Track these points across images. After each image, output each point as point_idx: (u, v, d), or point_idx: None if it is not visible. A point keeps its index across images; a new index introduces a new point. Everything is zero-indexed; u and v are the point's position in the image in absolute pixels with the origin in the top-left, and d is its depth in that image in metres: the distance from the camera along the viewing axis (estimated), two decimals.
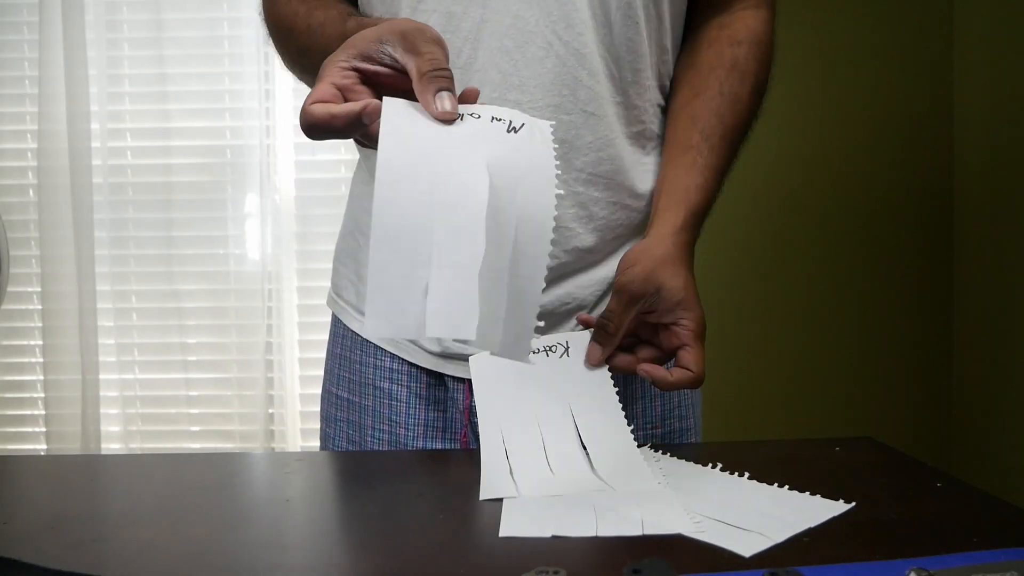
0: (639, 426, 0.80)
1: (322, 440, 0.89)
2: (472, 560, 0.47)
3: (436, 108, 0.54)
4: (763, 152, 1.90)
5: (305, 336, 1.99)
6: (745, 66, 0.76)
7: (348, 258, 0.86)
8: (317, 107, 0.56)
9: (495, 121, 0.56)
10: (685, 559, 0.45)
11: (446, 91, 0.55)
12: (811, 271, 1.94)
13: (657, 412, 0.81)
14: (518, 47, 0.70)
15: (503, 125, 0.56)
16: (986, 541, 0.47)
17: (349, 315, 0.85)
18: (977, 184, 1.85)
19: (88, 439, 1.89)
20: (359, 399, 0.83)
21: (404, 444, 0.79)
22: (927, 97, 1.92)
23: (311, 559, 0.48)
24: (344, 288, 0.87)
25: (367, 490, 0.64)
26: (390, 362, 0.81)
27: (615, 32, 0.72)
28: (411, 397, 0.80)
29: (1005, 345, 1.74)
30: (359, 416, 0.83)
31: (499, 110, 0.57)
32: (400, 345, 0.80)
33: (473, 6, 0.70)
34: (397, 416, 0.80)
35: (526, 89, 0.70)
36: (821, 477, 0.59)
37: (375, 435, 0.81)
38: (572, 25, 0.70)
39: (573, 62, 0.70)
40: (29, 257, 1.95)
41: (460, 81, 0.67)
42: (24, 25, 1.95)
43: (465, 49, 0.70)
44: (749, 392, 1.89)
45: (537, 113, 0.69)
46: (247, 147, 1.92)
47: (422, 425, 0.80)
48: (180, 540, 0.50)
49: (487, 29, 0.70)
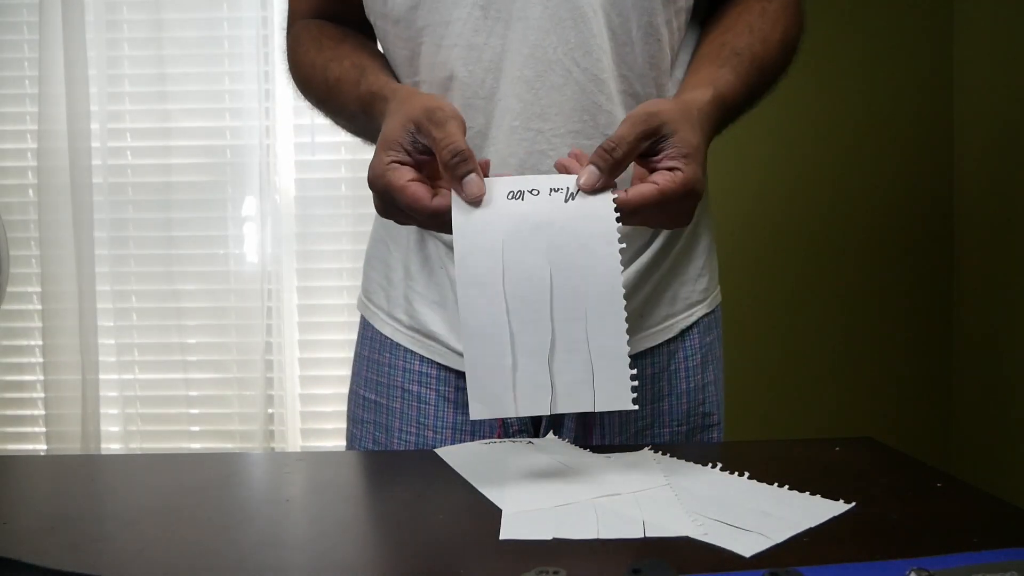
0: (665, 423, 0.81)
1: (348, 441, 0.89)
2: (472, 560, 0.47)
3: (465, 195, 0.59)
4: (761, 154, 1.90)
5: (305, 336, 1.99)
6: (775, 14, 0.76)
7: (379, 263, 0.87)
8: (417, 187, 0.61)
9: (554, 193, 0.61)
10: (685, 559, 0.45)
11: (470, 174, 0.59)
12: (811, 271, 1.94)
13: (683, 410, 0.81)
14: (538, 76, 0.71)
15: (561, 196, 0.60)
16: (986, 541, 0.47)
17: (379, 319, 0.86)
18: (977, 185, 1.85)
19: (88, 439, 1.89)
20: (387, 401, 0.83)
21: (432, 447, 0.80)
22: (927, 98, 1.92)
23: (311, 559, 0.48)
24: (374, 292, 0.87)
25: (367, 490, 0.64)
26: (419, 365, 0.82)
27: (636, 51, 0.73)
28: (439, 400, 0.81)
29: (1005, 346, 1.74)
30: (387, 418, 0.83)
31: (557, 180, 0.61)
32: (433, 348, 0.81)
33: (493, 37, 0.71)
34: (425, 419, 0.81)
35: (547, 117, 0.71)
36: (821, 477, 0.59)
37: (402, 437, 0.82)
38: (590, 51, 0.70)
39: (592, 88, 0.71)
40: (29, 257, 1.95)
41: (483, 111, 0.72)
42: (24, 25, 1.95)
43: (488, 80, 0.72)
44: (749, 392, 1.89)
45: (559, 140, 0.72)
46: (247, 147, 1.92)
47: (450, 428, 0.80)
48: (180, 540, 0.50)
49: (507, 59, 0.71)
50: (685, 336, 0.82)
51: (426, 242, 0.81)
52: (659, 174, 0.62)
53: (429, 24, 0.72)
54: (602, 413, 0.79)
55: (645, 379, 0.70)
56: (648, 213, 0.61)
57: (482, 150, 0.73)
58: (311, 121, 1.93)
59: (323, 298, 1.99)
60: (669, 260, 0.81)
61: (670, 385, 0.80)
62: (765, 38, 0.74)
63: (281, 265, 1.97)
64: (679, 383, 0.81)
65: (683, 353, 0.82)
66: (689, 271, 0.83)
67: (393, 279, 0.84)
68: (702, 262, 0.84)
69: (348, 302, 1.97)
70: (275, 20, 1.92)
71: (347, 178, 1.95)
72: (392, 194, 0.61)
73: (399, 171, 0.61)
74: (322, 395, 1.99)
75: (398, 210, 0.63)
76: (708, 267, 0.85)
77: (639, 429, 0.80)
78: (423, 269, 0.81)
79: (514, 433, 0.79)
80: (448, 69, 0.72)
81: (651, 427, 0.81)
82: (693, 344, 0.82)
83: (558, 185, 0.61)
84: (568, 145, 0.71)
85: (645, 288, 0.79)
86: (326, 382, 1.98)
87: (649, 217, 0.63)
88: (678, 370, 0.81)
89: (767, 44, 0.74)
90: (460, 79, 0.72)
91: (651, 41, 0.73)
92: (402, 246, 0.83)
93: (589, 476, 0.61)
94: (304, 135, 1.95)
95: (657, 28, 0.73)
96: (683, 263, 0.83)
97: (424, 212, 0.61)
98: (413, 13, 0.72)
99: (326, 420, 1.99)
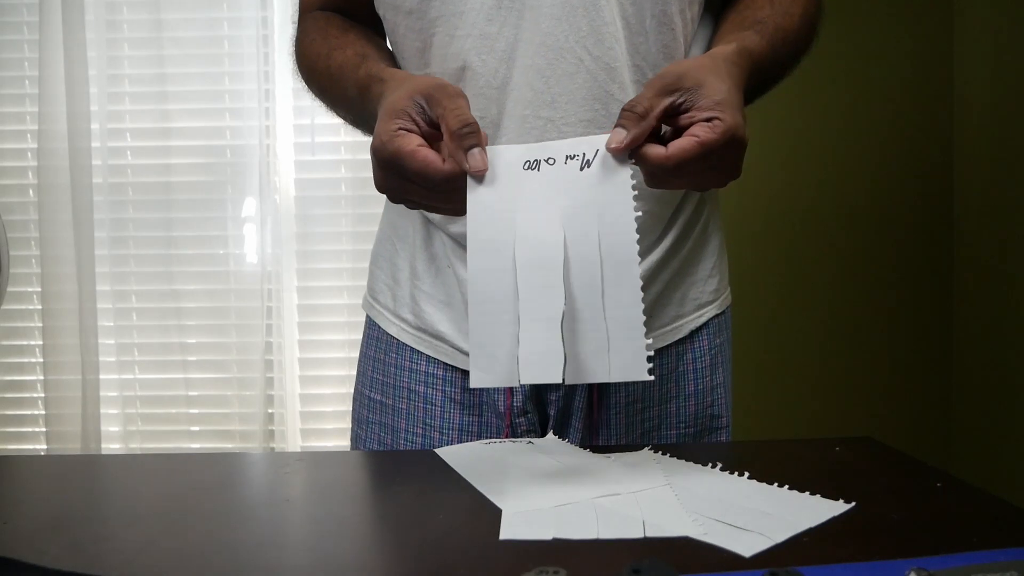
0: (672, 425, 0.80)
1: (352, 442, 0.89)
2: (472, 560, 0.47)
3: (469, 168, 0.59)
4: (760, 154, 1.90)
5: (305, 336, 1.99)
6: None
7: (385, 262, 0.87)
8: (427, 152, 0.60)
9: (569, 161, 0.60)
10: (685, 559, 0.45)
11: (475, 148, 0.59)
12: (810, 271, 1.94)
13: (691, 411, 0.81)
14: (549, 64, 0.70)
15: (577, 163, 0.60)
16: (986, 541, 0.47)
17: (385, 318, 0.85)
18: (977, 184, 1.85)
19: (88, 439, 1.89)
20: (392, 402, 0.83)
21: (437, 447, 0.80)
22: (927, 97, 1.92)
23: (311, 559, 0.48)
24: (380, 292, 0.87)
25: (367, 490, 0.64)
26: (425, 365, 0.81)
27: (650, 40, 0.72)
28: (445, 401, 0.80)
29: (1005, 345, 1.74)
30: (392, 419, 0.83)
31: (574, 145, 0.60)
32: (439, 348, 0.81)
33: (507, 27, 0.71)
34: (431, 419, 0.80)
35: (558, 105, 0.71)
36: (821, 477, 0.59)
37: (408, 438, 0.81)
38: (602, 40, 0.70)
39: (604, 76, 0.71)
40: (29, 257, 1.95)
41: (496, 100, 0.72)
42: (24, 25, 1.95)
43: (500, 69, 0.71)
44: (749, 392, 1.89)
45: (570, 129, 0.71)
46: (247, 147, 1.92)
47: (456, 429, 0.80)
48: (180, 540, 0.50)
49: (520, 48, 0.71)
50: (695, 337, 0.82)
51: (433, 241, 0.81)
52: (697, 126, 0.59)
53: (442, 15, 0.72)
54: (608, 415, 0.78)
55: (653, 380, 0.70)
56: (692, 169, 0.59)
57: (494, 139, 0.72)
58: (311, 121, 1.93)
59: (323, 298, 1.99)
60: (679, 259, 0.81)
61: (678, 386, 0.80)
62: (787, 11, 0.74)
63: (281, 265, 1.97)
64: (687, 385, 0.81)
65: (692, 355, 0.81)
66: (699, 271, 0.82)
67: (399, 278, 0.84)
68: (712, 262, 0.84)
69: (348, 302, 1.97)
70: (275, 20, 1.92)
71: (347, 178, 1.95)
72: (401, 160, 0.60)
73: (407, 137, 0.60)
74: (322, 395, 1.99)
75: (403, 180, 0.61)
76: (719, 268, 0.84)
77: (646, 431, 0.80)
78: (430, 268, 0.81)
79: (522, 434, 0.78)
80: (461, 59, 0.72)
81: (658, 428, 0.80)
82: (702, 346, 0.82)
83: (574, 152, 0.60)
84: (579, 134, 0.70)
85: (654, 287, 0.79)
86: (326, 382, 1.98)
87: (694, 174, 0.60)
88: (687, 371, 0.81)
89: (789, 16, 0.73)
90: (473, 69, 0.72)
91: (664, 30, 0.72)
92: (408, 245, 0.83)
93: (589, 476, 0.61)
94: (304, 135, 1.95)
95: (671, 17, 0.72)
96: (693, 263, 0.82)
97: (436, 176, 0.59)
98: (426, 4, 0.72)
99: (326, 420, 1.99)
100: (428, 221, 0.81)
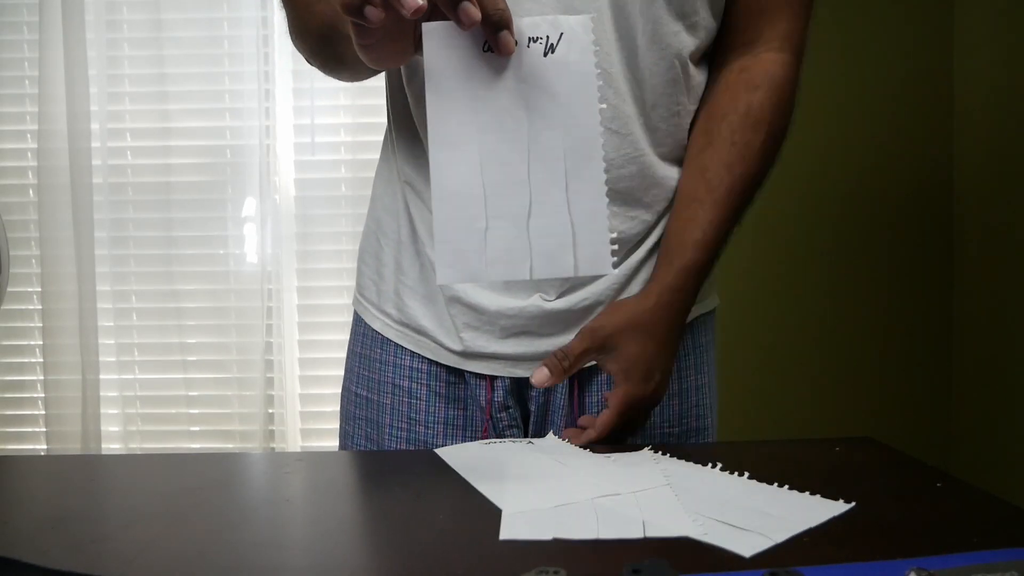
0: (656, 425, 0.80)
1: (341, 438, 0.89)
2: (472, 560, 0.46)
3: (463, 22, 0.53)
4: None
5: (305, 336, 1.99)
6: (759, 114, 0.76)
7: (371, 258, 0.87)
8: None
9: (533, 44, 0.57)
10: (685, 559, 0.45)
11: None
12: (810, 271, 1.94)
13: (675, 412, 0.81)
14: None
15: (540, 47, 0.58)
16: (986, 541, 0.47)
17: (370, 313, 0.86)
18: (977, 184, 1.85)
19: (88, 439, 1.90)
20: (378, 397, 0.83)
21: (424, 442, 0.80)
22: (927, 97, 1.92)
23: (311, 559, 0.48)
24: (366, 287, 0.87)
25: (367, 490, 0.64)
26: (410, 360, 0.82)
27: (640, 55, 0.73)
28: (431, 395, 0.80)
29: (1005, 345, 1.74)
30: (378, 414, 0.83)
31: (537, 24, 0.58)
32: (422, 343, 0.81)
33: None
34: (416, 414, 0.81)
35: None
36: (821, 477, 0.59)
37: (393, 433, 0.81)
38: (599, 45, 0.70)
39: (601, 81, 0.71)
40: (29, 257, 1.95)
41: None
42: (24, 25, 1.95)
43: None
44: (749, 392, 1.89)
45: None
46: (247, 147, 1.93)
47: (442, 423, 0.80)
48: (180, 540, 0.50)
49: None
50: None
51: (418, 235, 0.81)
52: (611, 394, 0.71)
53: None
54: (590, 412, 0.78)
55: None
56: (624, 422, 0.71)
57: None
58: (311, 121, 1.93)
59: (323, 298, 1.99)
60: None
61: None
62: (747, 148, 0.75)
63: (281, 265, 1.97)
64: (671, 384, 0.80)
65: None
66: None
67: (384, 273, 0.84)
68: None
69: (348, 302, 1.96)
70: (275, 20, 1.92)
71: (347, 178, 1.95)
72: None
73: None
74: (322, 395, 1.99)
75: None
76: None
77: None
78: (414, 263, 0.82)
79: (503, 428, 0.79)
80: None
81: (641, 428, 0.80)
82: (686, 345, 0.82)
83: (536, 33, 0.58)
84: None
85: (633, 287, 0.79)
86: (326, 382, 1.98)
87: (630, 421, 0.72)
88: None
89: (748, 157, 0.75)
90: None
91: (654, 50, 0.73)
92: (393, 240, 0.84)
93: (589, 476, 0.61)
94: (304, 135, 1.95)
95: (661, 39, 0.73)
96: None
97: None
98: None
99: (326, 420, 1.99)
100: (412, 219, 0.81)
